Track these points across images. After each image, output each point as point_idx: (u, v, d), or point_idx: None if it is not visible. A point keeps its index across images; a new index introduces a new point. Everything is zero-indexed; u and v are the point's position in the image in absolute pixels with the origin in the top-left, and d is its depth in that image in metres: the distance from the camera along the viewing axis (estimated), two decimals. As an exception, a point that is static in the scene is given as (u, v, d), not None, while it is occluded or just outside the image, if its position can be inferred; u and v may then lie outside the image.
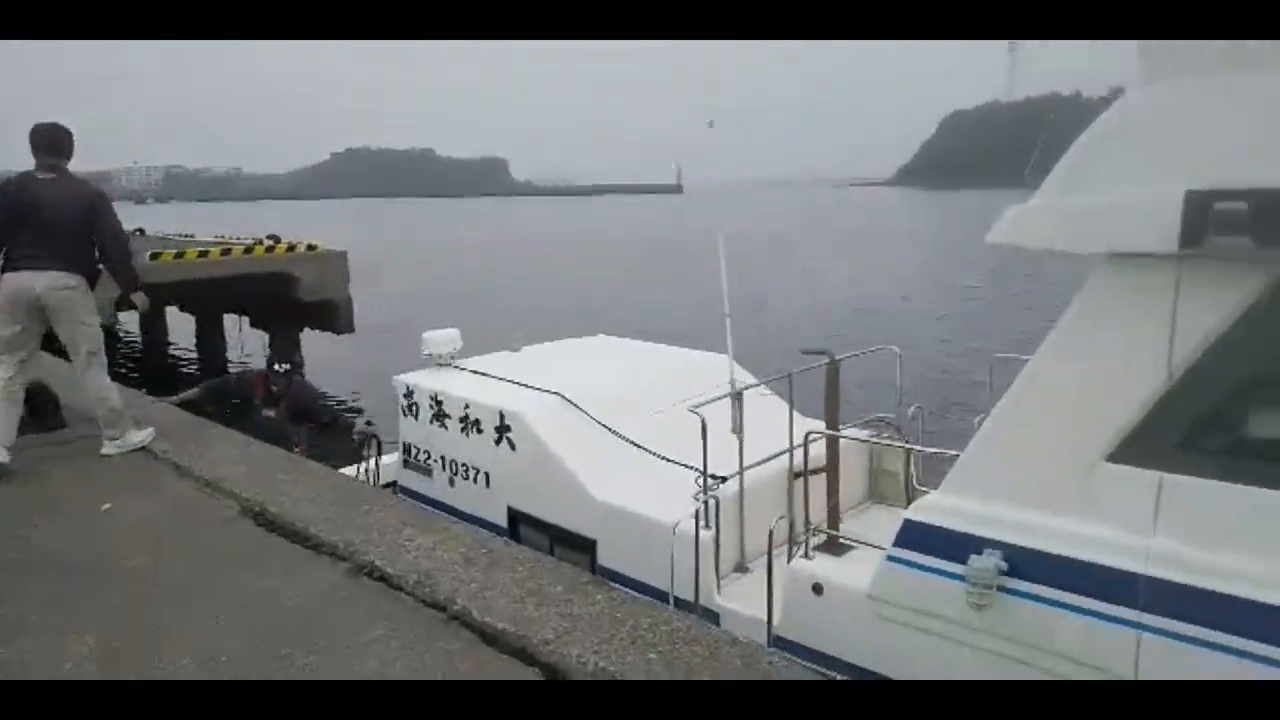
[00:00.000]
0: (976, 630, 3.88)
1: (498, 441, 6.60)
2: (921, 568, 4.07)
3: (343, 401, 15.95)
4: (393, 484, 7.68)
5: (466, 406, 6.86)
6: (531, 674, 2.90)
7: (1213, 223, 3.20)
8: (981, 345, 17.04)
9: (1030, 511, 3.79)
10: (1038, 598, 3.71)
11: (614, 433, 6.30)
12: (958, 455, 4.18)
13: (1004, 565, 3.76)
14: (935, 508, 4.12)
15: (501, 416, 6.55)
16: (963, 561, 3.83)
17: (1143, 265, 3.49)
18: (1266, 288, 3.25)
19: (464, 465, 6.95)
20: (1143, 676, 3.46)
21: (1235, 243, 3.16)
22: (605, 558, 5.81)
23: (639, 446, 6.19)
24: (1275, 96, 3.18)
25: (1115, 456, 3.60)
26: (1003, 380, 4.48)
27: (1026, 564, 3.73)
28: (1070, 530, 3.67)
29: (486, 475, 6.77)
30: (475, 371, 7.47)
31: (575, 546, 5.94)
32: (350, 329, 20.73)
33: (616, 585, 3.63)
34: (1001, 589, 3.77)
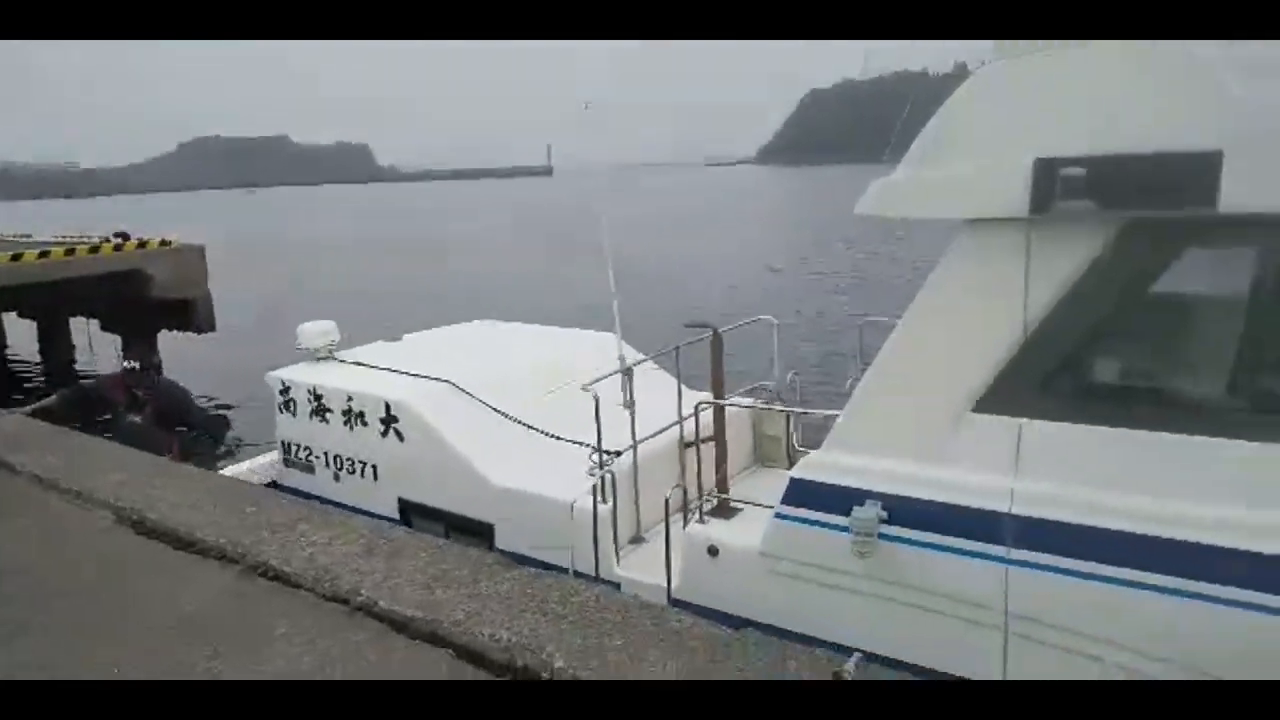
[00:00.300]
0: (861, 576, 4.13)
1: (384, 433, 6.48)
2: (808, 522, 4.29)
3: (213, 401, 15.17)
4: (272, 484, 7.42)
5: (349, 399, 6.69)
6: (444, 655, 2.92)
7: (1058, 188, 3.50)
8: (849, 312, 17.82)
9: (905, 463, 4.05)
10: (915, 542, 3.99)
11: (506, 416, 6.30)
12: (834, 415, 4.41)
13: (884, 514, 4.01)
14: (818, 465, 4.35)
15: (387, 407, 6.43)
16: (846, 514, 4.06)
17: (997, 229, 3.78)
18: (1105, 246, 3.58)
19: (349, 459, 6.79)
20: (1011, 608, 3.78)
21: (1078, 206, 3.47)
22: (504, 541, 5.83)
23: (531, 428, 6.21)
24: (1108, 68, 3.50)
25: (979, 407, 3.90)
26: (872, 343, 4.76)
27: (904, 512, 4.00)
28: (942, 478, 3.95)
29: (374, 468, 6.64)
30: (356, 363, 7.29)
31: (472, 533, 5.93)
32: (211, 327, 19.67)
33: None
34: (882, 536, 4.02)
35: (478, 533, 5.91)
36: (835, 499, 4.18)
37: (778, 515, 4.44)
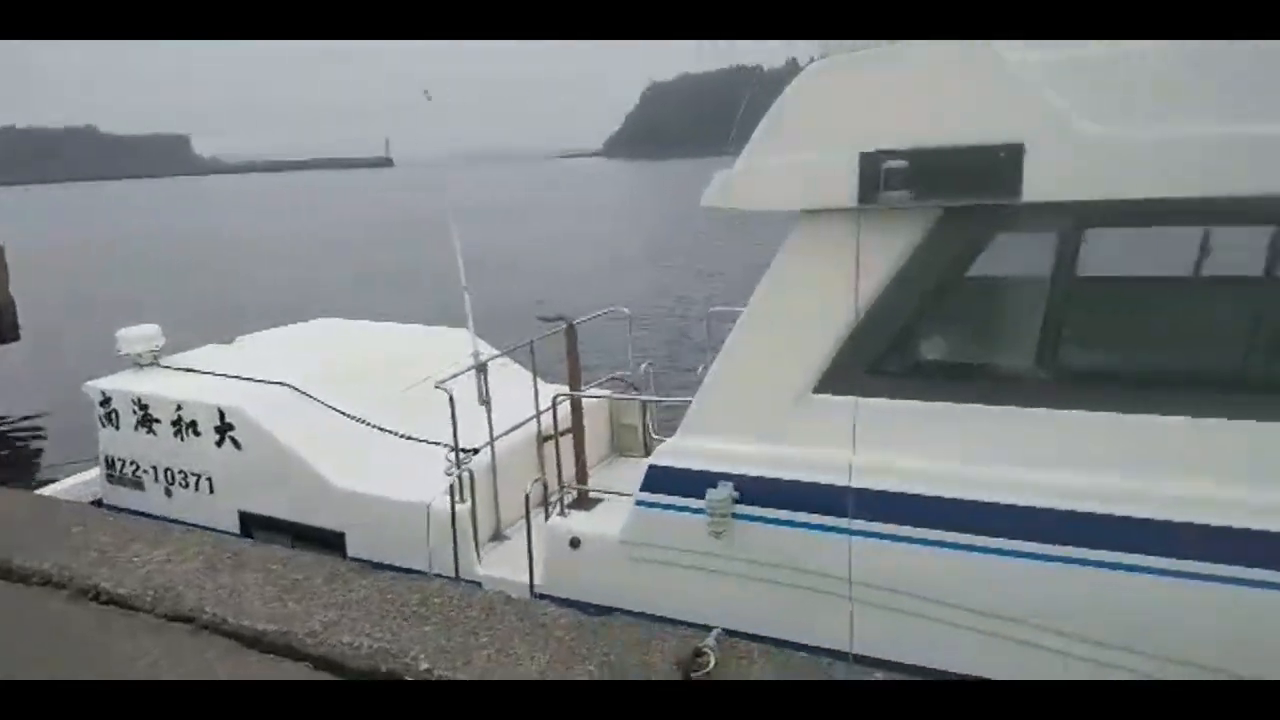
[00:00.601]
0: (717, 556, 4.29)
1: (219, 442, 6.12)
2: (666, 507, 4.41)
3: (25, 418, 13.81)
4: (97, 502, 6.86)
5: (178, 408, 6.28)
6: (301, 668, 2.82)
7: (882, 180, 3.74)
8: (700, 302, 18.27)
9: (754, 444, 4.23)
10: (766, 519, 4.18)
11: (353, 418, 6.10)
12: (688, 403, 4.55)
13: (736, 494, 4.18)
14: (674, 451, 4.47)
15: (221, 415, 6.08)
16: (701, 496, 4.20)
17: (830, 219, 4.00)
18: (925, 233, 3.86)
19: (182, 473, 6.38)
20: (855, 576, 4.03)
21: (899, 195, 3.73)
22: (356, 548, 5.65)
23: (382, 429, 6.04)
24: (925, 67, 3.76)
25: (819, 387, 4.13)
26: (720, 332, 4.92)
27: (754, 491, 4.18)
28: (787, 456, 4.16)
29: (210, 480, 6.27)
30: (184, 369, 6.84)
31: (321, 543, 5.71)
32: (15, 336, 17.86)
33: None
34: (736, 516, 4.19)
35: (327, 543, 5.69)
36: (691, 483, 4.31)
37: (637, 503, 4.54)
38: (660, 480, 4.45)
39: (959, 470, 3.82)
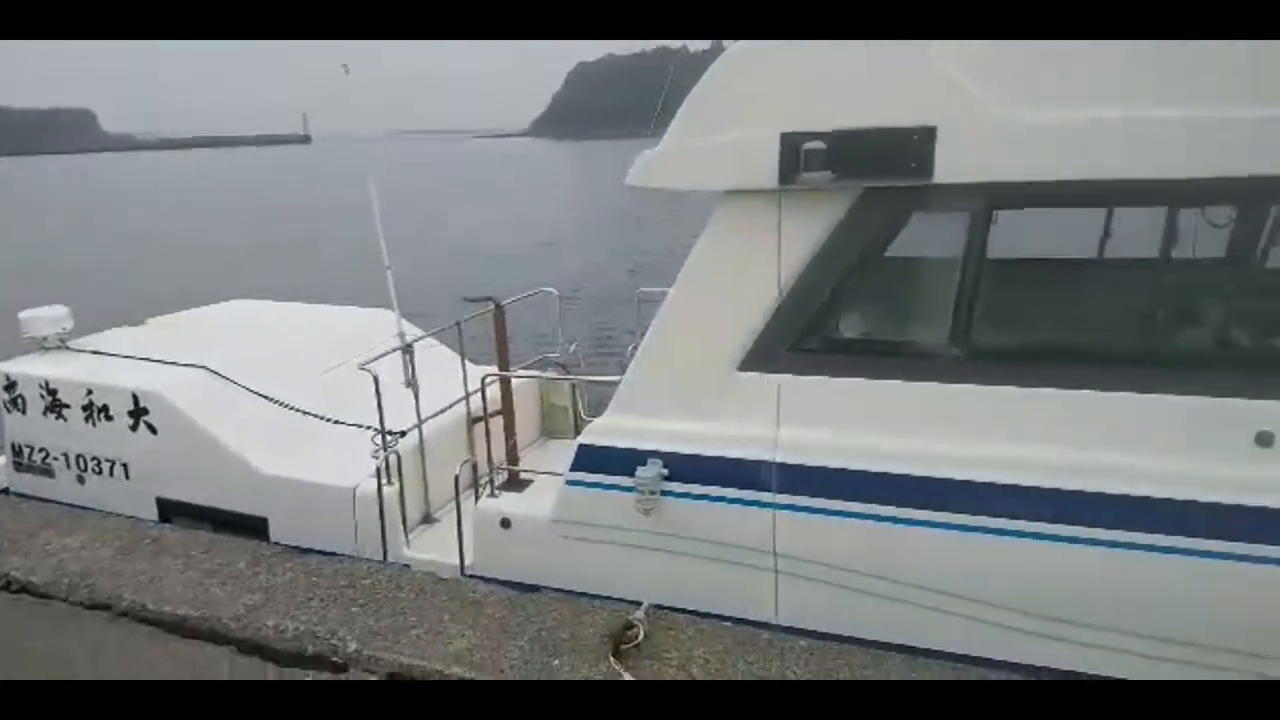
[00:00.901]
0: (647, 532, 4.36)
1: (134, 427, 5.92)
2: (596, 486, 4.46)
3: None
4: (4, 491, 6.57)
5: (89, 392, 6.05)
6: (225, 652, 2.79)
7: (802, 161, 3.83)
8: (626, 282, 18.30)
9: (682, 422, 4.31)
10: (694, 495, 4.26)
11: (275, 401, 5.97)
12: (618, 383, 4.59)
13: (665, 472, 4.25)
14: (603, 430, 4.51)
15: (135, 399, 5.88)
16: (631, 474, 4.26)
17: (752, 199, 4.08)
18: (844, 213, 3.97)
19: (94, 459, 6.15)
20: (779, 549, 4.15)
21: (819, 176, 3.82)
22: (280, 534, 5.55)
23: (305, 413, 5.93)
24: (843, 51, 3.85)
25: (744, 365, 4.22)
26: (648, 313, 4.98)
27: (683, 468, 4.26)
28: (714, 433, 4.24)
29: (125, 466, 6.07)
30: (95, 352, 6.58)
31: (243, 528, 5.59)
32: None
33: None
34: (664, 493, 4.26)
35: (250, 528, 5.58)
36: (620, 461, 4.36)
37: (567, 482, 4.57)
38: (590, 459, 4.49)
39: (876, 444, 3.96)
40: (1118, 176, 3.48)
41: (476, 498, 5.10)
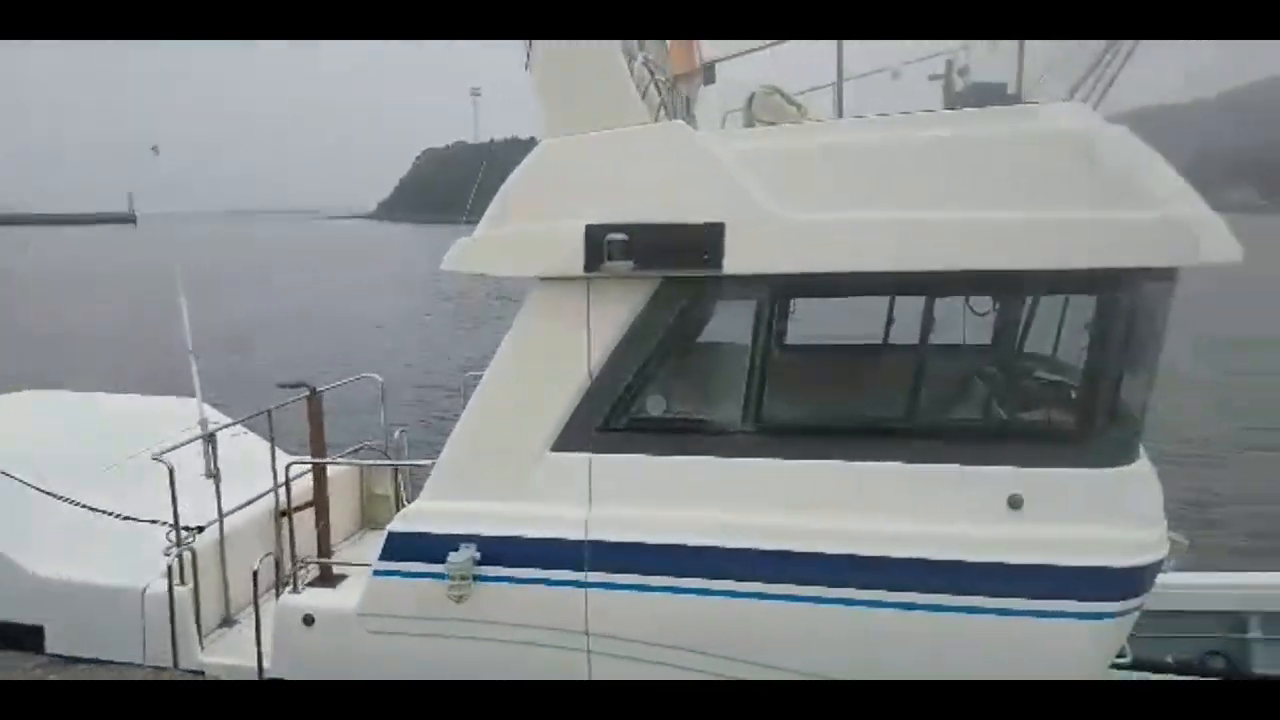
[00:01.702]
0: (459, 620, 4.28)
1: None
2: (406, 574, 4.35)
3: None
4: None
5: None
6: None
7: (606, 250, 4.03)
8: (454, 366, 18.10)
9: (496, 504, 4.31)
10: (507, 579, 4.24)
11: (58, 497, 5.50)
12: None
13: (478, 556, 4.21)
14: (415, 515, 4.44)
15: None
16: (443, 561, 4.19)
17: (562, 285, 4.23)
18: (646, 300, 4.17)
19: None
20: (591, 628, 4.17)
21: (621, 265, 4.02)
22: (57, 643, 5.06)
23: (93, 509, 5.50)
24: (639, 149, 4.11)
25: (556, 445, 4.29)
26: None
27: (497, 551, 4.24)
28: (528, 515, 4.26)
29: None
30: None
31: (12, 640, 5.07)
32: None
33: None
34: (478, 578, 4.21)
35: (22, 639, 5.06)
36: (431, 548, 4.29)
37: (375, 572, 4.44)
38: (400, 547, 4.39)
39: (681, 518, 4.09)
40: (882, 269, 3.86)
41: (278, 595, 4.85)
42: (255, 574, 4.81)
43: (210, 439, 5.24)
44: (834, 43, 4.18)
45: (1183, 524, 4.22)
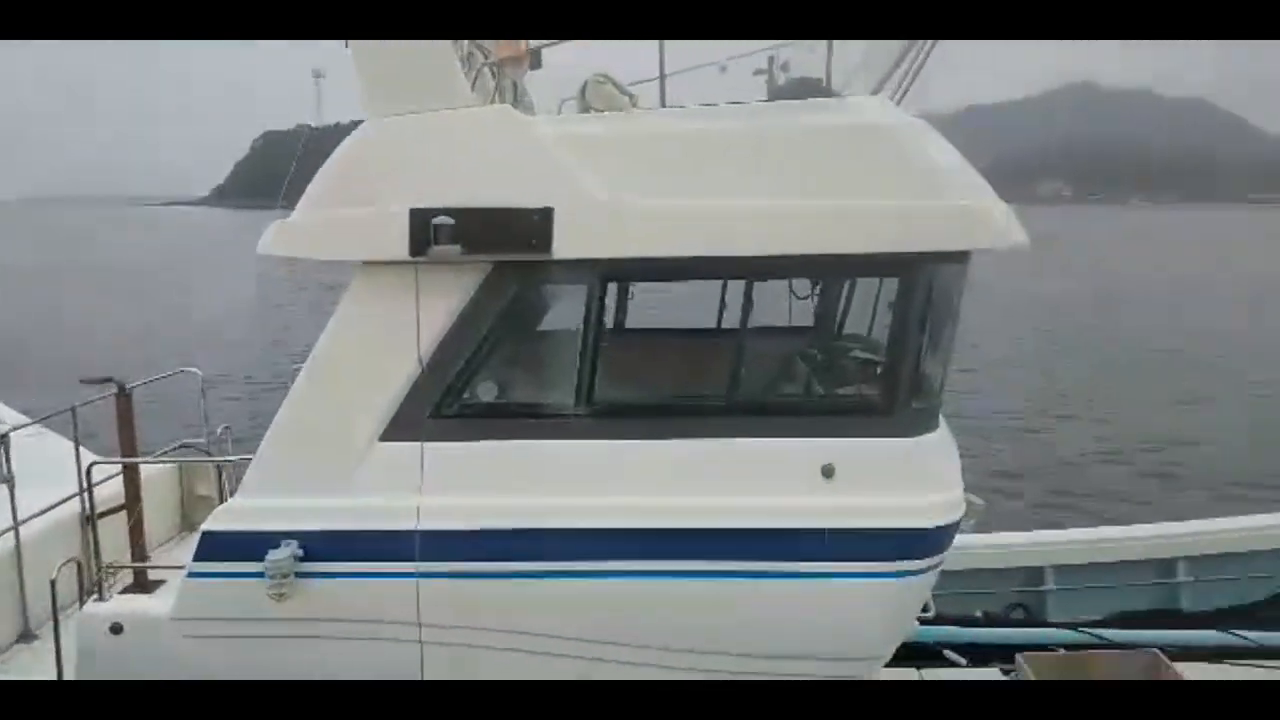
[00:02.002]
0: (281, 620, 4.10)
1: None
2: (222, 575, 4.14)
3: None
4: None
5: None
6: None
7: (433, 235, 3.95)
8: (283, 357, 17.31)
9: (321, 498, 4.15)
10: (332, 574, 4.10)
11: None
12: None
13: (300, 552, 4.05)
14: (232, 513, 4.23)
15: None
16: (262, 559, 4.01)
17: (388, 271, 4.12)
18: (477, 285, 4.13)
19: None
20: (424, 620, 4.10)
21: (449, 250, 3.95)
22: None
23: None
24: (467, 132, 4.06)
25: (385, 435, 4.18)
26: None
27: (320, 546, 4.09)
28: (355, 508, 4.14)
29: None
30: None
31: None
32: None
33: None
34: (300, 575, 4.05)
35: None
36: (251, 545, 4.09)
37: (189, 574, 4.20)
38: (215, 547, 4.17)
39: (516, 504, 4.09)
40: (703, 254, 3.98)
41: (85, 604, 4.52)
42: (53, 583, 4.45)
43: (3, 440, 4.81)
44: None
45: (983, 490, 4.60)
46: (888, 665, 4.56)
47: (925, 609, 4.50)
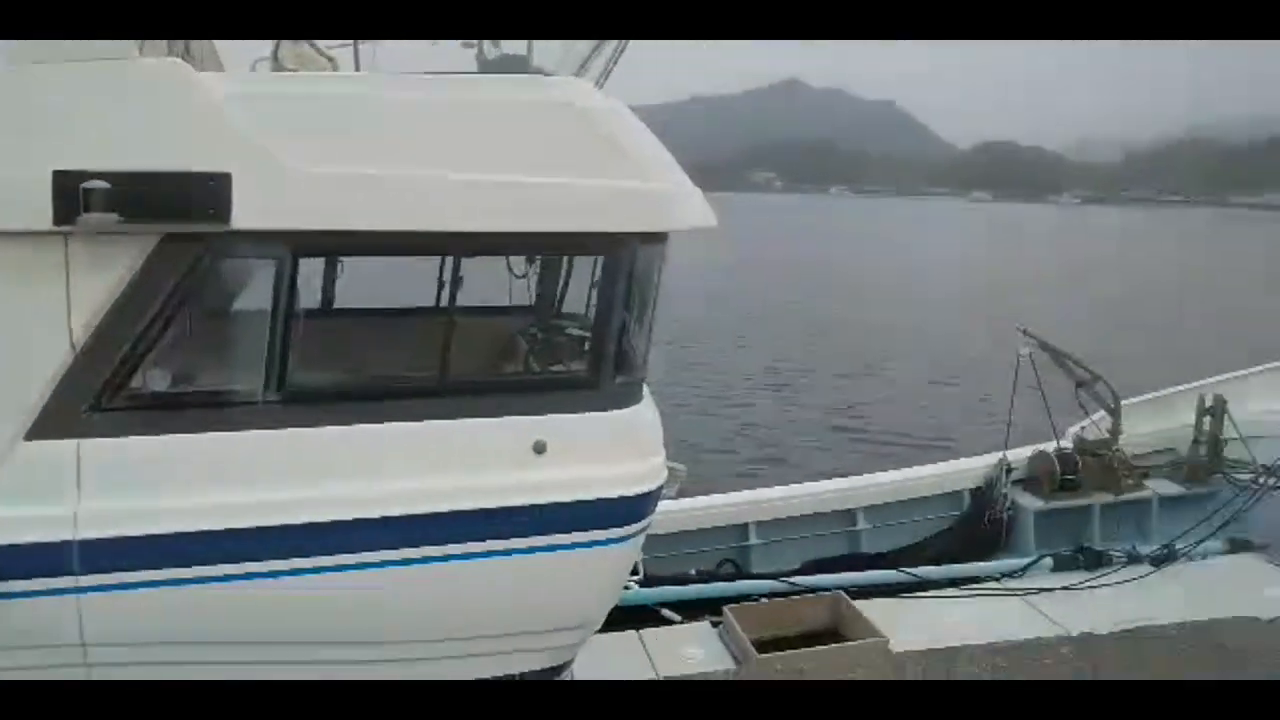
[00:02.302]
0: None
1: None
2: None
3: None
4: None
5: None
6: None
7: (83, 201, 3.43)
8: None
9: None
10: None
11: None
12: None
13: None
14: None
15: None
16: None
17: (29, 243, 3.53)
18: (143, 260, 3.65)
19: None
20: (88, 639, 3.62)
21: (103, 219, 3.45)
22: None
23: None
24: (128, 82, 3.57)
25: (31, 433, 3.61)
26: None
27: None
28: None
29: None
30: None
31: None
32: None
33: None
34: None
35: None
36: None
37: None
38: None
39: (189, 503, 3.70)
40: (397, 228, 3.81)
41: None
42: None
43: None
44: None
45: (687, 455, 4.89)
46: (610, 629, 4.73)
47: (635, 571, 4.70)
